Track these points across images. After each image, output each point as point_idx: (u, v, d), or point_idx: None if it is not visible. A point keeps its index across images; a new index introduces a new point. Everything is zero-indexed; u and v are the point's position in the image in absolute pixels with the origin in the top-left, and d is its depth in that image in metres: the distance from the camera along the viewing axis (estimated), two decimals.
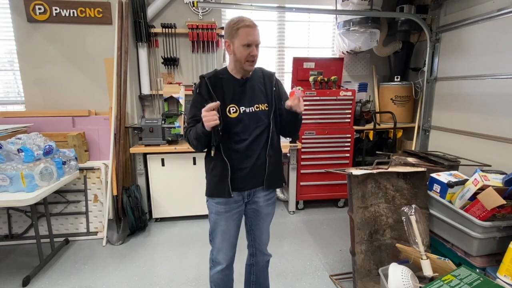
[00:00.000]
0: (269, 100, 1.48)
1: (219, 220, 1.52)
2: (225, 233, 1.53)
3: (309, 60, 3.51)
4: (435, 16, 3.09)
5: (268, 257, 1.73)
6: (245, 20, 1.34)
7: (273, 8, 3.18)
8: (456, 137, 2.90)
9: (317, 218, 3.24)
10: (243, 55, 1.36)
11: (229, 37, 1.38)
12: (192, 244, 2.72)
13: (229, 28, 1.37)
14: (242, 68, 1.42)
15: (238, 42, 1.35)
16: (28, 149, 2.23)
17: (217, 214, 1.52)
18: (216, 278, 1.62)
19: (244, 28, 1.33)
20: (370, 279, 1.98)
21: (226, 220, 1.52)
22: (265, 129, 1.47)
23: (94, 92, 3.01)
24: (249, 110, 1.44)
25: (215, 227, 1.55)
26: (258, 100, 1.46)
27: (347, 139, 3.32)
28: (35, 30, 2.85)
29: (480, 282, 1.35)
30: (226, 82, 1.44)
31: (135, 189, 2.93)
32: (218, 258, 1.57)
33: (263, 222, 1.61)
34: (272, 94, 1.49)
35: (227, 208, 1.50)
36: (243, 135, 1.43)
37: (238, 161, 1.45)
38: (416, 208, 1.67)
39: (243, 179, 1.47)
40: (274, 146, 1.52)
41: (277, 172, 1.55)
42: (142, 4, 3.10)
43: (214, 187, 1.49)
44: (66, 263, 2.43)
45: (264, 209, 1.57)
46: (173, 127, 2.98)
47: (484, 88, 2.57)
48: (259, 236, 1.64)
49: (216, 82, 1.43)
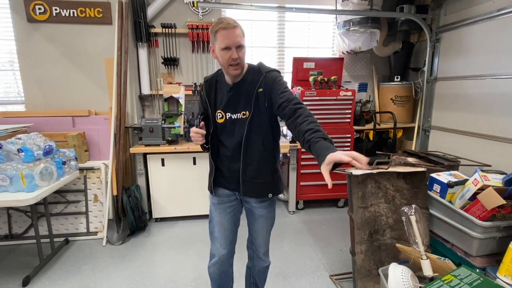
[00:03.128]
0: (250, 104, 1.36)
1: (214, 210, 1.58)
2: (219, 225, 1.56)
3: (309, 60, 3.51)
4: (435, 16, 3.09)
5: (265, 263, 1.65)
6: (222, 22, 1.25)
7: (273, 8, 3.18)
8: (456, 137, 2.90)
9: (317, 218, 3.24)
10: (224, 59, 1.29)
11: (212, 42, 1.33)
12: (192, 244, 2.72)
13: (210, 32, 1.32)
14: (227, 73, 1.37)
15: (217, 46, 1.29)
16: (28, 149, 2.23)
17: (212, 205, 1.59)
18: (211, 272, 1.64)
19: (221, 31, 1.25)
20: (370, 279, 1.98)
21: (220, 212, 1.55)
22: (242, 137, 1.38)
23: (94, 92, 3.01)
24: (235, 116, 1.40)
25: (211, 218, 1.60)
26: (244, 107, 1.38)
27: (347, 139, 3.32)
28: (35, 30, 2.85)
29: (480, 282, 1.35)
30: (219, 86, 1.45)
31: (135, 189, 2.93)
32: (213, 250, 1.60)
33: (257, 224, 1.57)
34: (253, 97, 1.35)
35: (220, 201, 1.55)
36: (226, 142, 1.45)
37: (220, 164, 1.51)
38: (416, 208, 1.67)
39: (224, 181, 1.52)
40: (252, 154, 1.40)
41: (259, 181, 1.44)
42: (142, 4, 3.10)
43: (209, 182, 1.57)
44: (66, 263, 2.43)
45: (257, 210, 1.52)
46: (173, 127, 2.98)
47: (484, 88, 2.57)
48: (255, 238, 1.61)
49: (211, 86, 1.46)
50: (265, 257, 1.65)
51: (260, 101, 1.36)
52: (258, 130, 1.39)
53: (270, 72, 1.38)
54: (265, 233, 1.60)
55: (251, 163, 1.42)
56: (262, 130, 1.40)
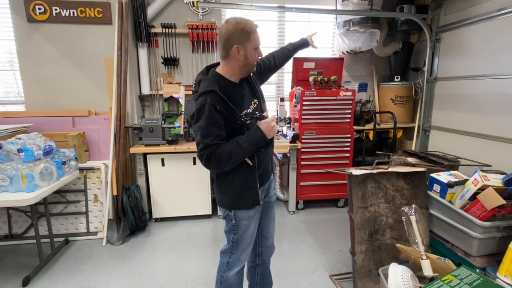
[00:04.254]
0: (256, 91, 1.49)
1: (250, 224, 1.49)
2: (253, 234, 1.55)
3: (309, 60, 3.51)
4: (435, 16, 3.09)
5: (273, 249, 1.76)
6: (252, 22, 1.32)
7: (273, 8, 3.18)
8: (456, 137, 2.90)
9: (317, 218, 3.24)
10: (254, 58, 1.36)
11: (239, 42, 1.29)
12: (192, 244, 2.72)
13: (237, 32, 1.28)
14: (248, 72, 1.40)
15: (251, 46, 1.32)
16: (28, 149, 2.23)
17: (248, 219, 1.47)
18: (233, 279, 1.57)
19: (255, 31, 1.33)
20: (370, 279, 1.98)
21: (255, 222, 1.53)
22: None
23: (94, 92, 3.01)
24: (250, 110, 1.43)
25: (245, 234, 1.49)
26: (253, 97, 1.47)
27: (347, 139, 3.32)
28: (35, 30, 2.85)
29: (480, 282, 1.35)
30: (231, 90, 1.35)
31: (135, 189, 2.93)
32: (241, 259, 1.55)
33: (271, 211, 1.66)
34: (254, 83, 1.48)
35: (258, 210, 1.51)
36: None
37: (259, 160, 1.45)
38: (416, 208, 1.67)
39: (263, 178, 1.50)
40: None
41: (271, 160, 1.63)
42: (142, 4, 3.10)
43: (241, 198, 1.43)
44: (66, 263, 2.43)
45: (272, 197, 1.65)
46: (173, 127, 2.98)
47: (484, 88, 2.57)
48: (268, 229, 1.67)
49: (228, 93, 1.32)
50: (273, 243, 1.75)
51: (257, 82, 1.51)
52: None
53: None
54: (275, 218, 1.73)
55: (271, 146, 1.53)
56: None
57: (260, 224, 1.62)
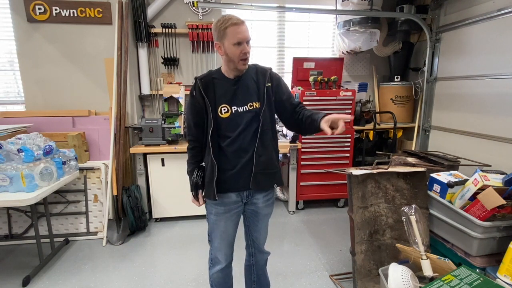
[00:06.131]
0: (261, 97, 1.44)
1: (219, 221, 1.52)
2: (224, 233, 1.54)
3: (309, 60, 3.51)
4: (435, 16, 3.09)
5: (266, 255, 1.72)
6: (231, 18, 1.31)
7: (273, 8, 3.18)
8: (456, 137, 2.90)
9: (317, 218, 3.24)
10: (236, 54, 1.33)
11: (218, 39, 1.35)
12: (192, 244, 2.72)
13: (216, 29, 1.34)
14: (235, 68, 1.40)
15: (228, 42, 1.32)
16: (28, 149, 2.23)
17: (216, 215, 1.52)
18: (216, 277, 1.63)
19: (232, 27, 1.30)
20: (370, 279, 1.98)
21: (226, 220, 1.52)
22: (256, 128, 1.43)
23: (94, 92, 3.01)
24: (242, 109, 1.42)
25: (214, 228, 1.55)
26: (251, 99, 1.44)
27: (347, 139, 3.32)
28: (35, 30, 2.85)
29: (480, 282, 1.35)
30: (218, 82, 1.44)
31: (135, 189, 2.93)
32: (218, 258, 1.58)
33: (261, 223, 1.61)
34: (265, 90, 1.45)
35: (227, 209, 1.50)
36: (233, 135, 1.43)
37: (226, 161, 1.45)
38: (416, 208, 1.67)
39: (231, 179, 1.46)
40: (265, 145, 1.46)
41: (268, 172, 1.49)
42: (142, 4, 3.10)
43: (206, 189, 1.49)
44: (66, 263, 2.43)
45: (263, 210, 1.57)
46: (173, 127, 2.98)
47: (484, 88, 2.57)
48: (257, 237, 1.64)
49: (208, 83, 1.43)
50: (265, 249, 1.71)
51: (269, 94, 1.47)
52: (268, 121, 1.48)
53: (271, 70, 1.53)
54: (267, 229, 1.67)
55: (264, 154, 1.46)
56: (270, 122, 1.50)
57: (251, 232, 1.64)
